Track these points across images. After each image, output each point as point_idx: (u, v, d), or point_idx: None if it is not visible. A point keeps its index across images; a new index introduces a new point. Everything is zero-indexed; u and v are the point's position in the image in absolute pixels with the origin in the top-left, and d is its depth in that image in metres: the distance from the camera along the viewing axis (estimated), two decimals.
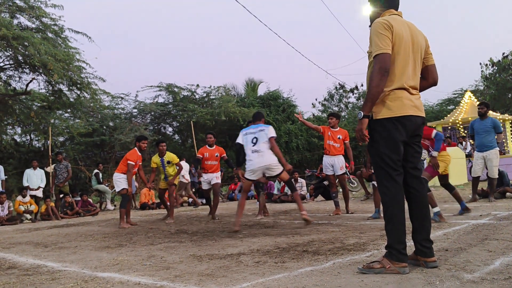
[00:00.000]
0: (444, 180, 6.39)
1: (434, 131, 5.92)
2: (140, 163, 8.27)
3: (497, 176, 8.04)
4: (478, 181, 8.06)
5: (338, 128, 7.89)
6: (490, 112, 16.96)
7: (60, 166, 11.73)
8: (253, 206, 11.23)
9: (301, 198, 11.61)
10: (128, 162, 7.98)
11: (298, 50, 36.55)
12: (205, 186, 8.57)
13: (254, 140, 6.21)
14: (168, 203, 8.66)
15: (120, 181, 8.04)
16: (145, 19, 61.63)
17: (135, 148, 8.22)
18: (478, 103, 8.79)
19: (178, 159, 8.73)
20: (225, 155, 8.59)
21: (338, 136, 7.72)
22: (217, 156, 8.41)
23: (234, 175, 11.73)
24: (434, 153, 5.87)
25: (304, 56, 35.25)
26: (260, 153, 6.12)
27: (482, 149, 7.97)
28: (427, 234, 3.11)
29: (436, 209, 5.61)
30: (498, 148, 8.06)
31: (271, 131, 6.26)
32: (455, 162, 12.15)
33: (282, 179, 6.46)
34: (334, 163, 7.67)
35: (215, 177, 8.40)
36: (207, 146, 8.44)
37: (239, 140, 6.42)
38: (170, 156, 8.53)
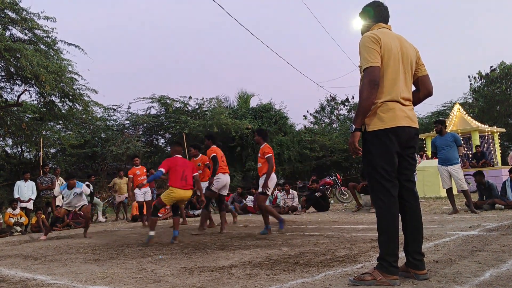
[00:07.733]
0: None
1: None
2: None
3: (466, 188, 8.20)
4: (452, 192, 8.22)
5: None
6: (479, 124, 17.23)
7: (46, 178, 11.72)
8: (244, 218, 11.21)
9: (293, 210, 11.81)
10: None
11: (289, 63, 36.75)
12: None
13: None
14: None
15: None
16: (137, 31, 61.84)
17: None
18: (433, 120, 9.23)
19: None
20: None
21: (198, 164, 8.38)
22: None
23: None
24: None
25: (295, 68, 35.53)
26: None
27: (446, 163, 8.21)
28: (419, 247, 3.12)
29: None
30: (460, 163, 8.35)
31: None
32: (431, 174, 12.27)
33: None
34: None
35: None
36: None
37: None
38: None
